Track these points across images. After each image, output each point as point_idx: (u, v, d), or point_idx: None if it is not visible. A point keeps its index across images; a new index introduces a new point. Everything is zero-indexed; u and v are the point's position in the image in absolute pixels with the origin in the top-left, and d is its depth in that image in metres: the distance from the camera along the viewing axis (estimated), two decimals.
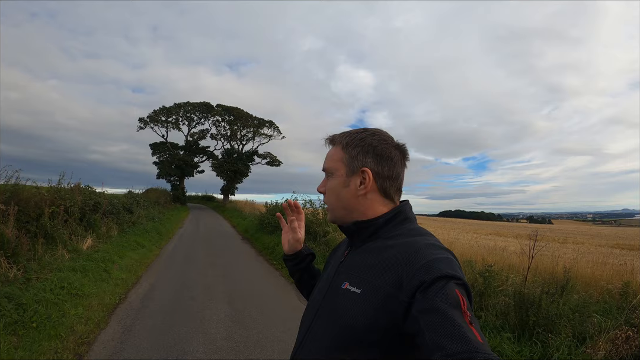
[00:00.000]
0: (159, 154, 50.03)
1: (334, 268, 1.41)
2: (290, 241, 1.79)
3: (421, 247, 1.17)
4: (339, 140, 1.41)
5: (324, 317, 1.29)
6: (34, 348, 4.62)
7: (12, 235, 6.98)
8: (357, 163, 1.35)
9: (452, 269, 1.08)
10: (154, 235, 15.62)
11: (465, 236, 18.49)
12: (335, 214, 1.42)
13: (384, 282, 1.14)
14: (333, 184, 1.38)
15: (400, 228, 1.32)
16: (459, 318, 0.94)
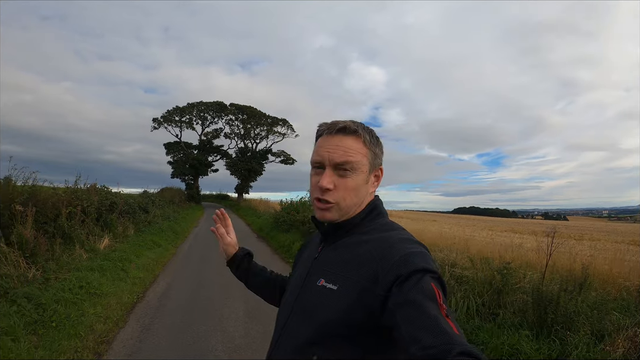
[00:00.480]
0: (173, 153, 50.26)
1: (307, 264, 1.40)
2: (223, 247, 1.83)
3: (396, 242, 1.18)
4: (361, 133, 1.31)
5: (299, 314, 1.28)
6: (54, 347, 4.65)
7: (30, 236, 7.05)
8: (378, 161, 1.35)
9: (427, 262, 1.08)
10: (170, 235, 15.71)
11: (481, 233, 18.36)
12: (345, 212, 1.32)
13: (360, 277, 1.14)
14: (357, 181, 1.29)
15: (374, 223, 1.33)
16: (435, 310, 0.94)
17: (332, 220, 1.32)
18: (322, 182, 1.27)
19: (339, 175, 1.28)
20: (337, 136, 1.30)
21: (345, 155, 1.27)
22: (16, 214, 7.04)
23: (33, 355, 4.31)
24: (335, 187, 1.28)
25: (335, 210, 1.30)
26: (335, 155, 1.27)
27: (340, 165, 1.27)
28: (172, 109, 49.45)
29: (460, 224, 32.70)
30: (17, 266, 6.21)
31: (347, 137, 1.29)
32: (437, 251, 9.50)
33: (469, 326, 5.54)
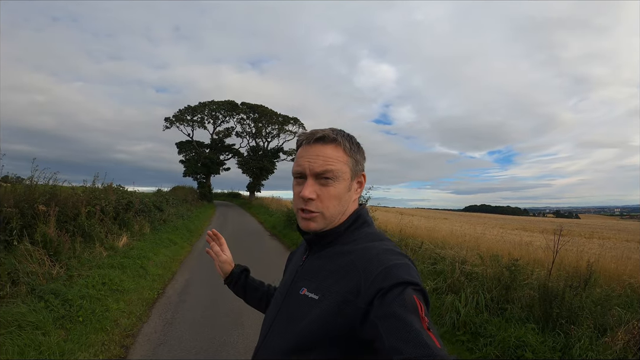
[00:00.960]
0: (185, 152, 50.47)
1: (293, 272, 1.42)
2: (220, 265, 1.83)
3: (379, 253, 1.18)
4: (340, 141, 1.31)
5: (282, 320, 1.29)
6: (82, 340, 4.83)
7: (54, 234, 7.25)
8: (360, 167, 1.37)
9: (409, 275, 1.09)
10: (185, 233, 15.88)
11: (491, 231, 18.35)
12: (330, 221, 1.32)
13: (342, 288, 1.15)
14: (339, 189, 1.29)
15: (358, 233, 1.33)
16: (417, 323, 0.95)
17: (317, 229, 1.32)
18: (304, 192, 1.27)
19: (320, 185, 1.28)
20: (316, 145, 1.31)
21: (325, 164, 1.27)
22: (39, 214, 7.24)
23: (63, 348, 4.49)
24: (317, 197, 1.28)
25: (320, 220, 1.30)
26: (315, 164, 1.28)
27: (321, 175, 1.27)
28: (184, 108, 49.67)
29: (471, 222, 32.61)
30: (42, 264, 6.40)
31: (326, 145, 1.30)
32: (447, 248, 9.59)
33: (478, 320, 5.73)
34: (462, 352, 5.33)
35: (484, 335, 5.42)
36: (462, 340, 5.57)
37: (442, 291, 7.00)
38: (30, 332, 4.49)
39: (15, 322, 4.54)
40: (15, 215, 6.46)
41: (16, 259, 6.04)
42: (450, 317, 6.01)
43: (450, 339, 5.68)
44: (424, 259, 9.02)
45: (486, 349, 5.17)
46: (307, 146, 1.31)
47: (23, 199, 7.21)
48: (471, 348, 5.36)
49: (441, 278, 7.47)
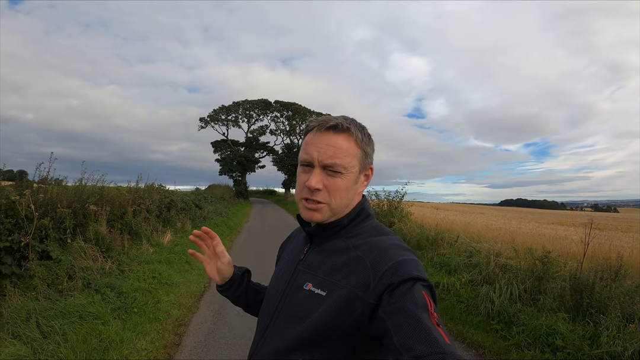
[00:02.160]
0: (221, 151, 51.07)
1: (292, 265, 1.36)
2: (221, 268, 1.55)
3: (387, 248, 1.16)
4: (353, 132, 1.25)
5: (283, 317, 1.24)
6: (138, 329, 5.09)
7: (105, 232, 7.60)
8: (369, 160, 1.31)
9: (418, 270, 1.08)
10: (225, 229, 16.17)
11: (527, 226, 18.12)
12: (336, 213, 1.27)
13: (350, 284, 1.13)
14: (346, 181, 1.24)
15: (362, 226, 1.30)
16: (427, 320, 0.94)
17: (321, 221, 1.27)
18: (310, 181, 1.21)
19: (328, 175, 1.22)
20: (327, 134, 1.24)
21: (335, 156, 1.21)
22: (89, 213, 7.58)
23: (122, 336, 4.75)
24: (324, 187, 1.22)
25: (326, 211, 1.24)
26: (325, 155, 1.21)
27: (330, 166, 1.21)
28: (218, 108, 50.29)
29: (506, 216, 32.10)
30: (95, 260, 6.72)
31: (338, 135, 1.23)
32: (482, 242, 9.64)
33: (511, 310, 5.93)
34: (496, 340, 5.49)
35: (517, 324, 5.60)
36: (496, 329, 5.74)
37: (477, 283, 7.18)
38: (90, 321, 4.75)
39: (77, 313, 4.82)
40: (69, 215, 6.78)
41: (71, 255, 6.35)
42: (485, 307, 6.21)
43: (485, 328, 5.85)
44: (460, 252, 9.10)
45: (519, 336, 5.34)
46: (318, 133, 1.25)
47: (75, 199, 7.54)
48: (504, 336, 5.52)
49: (476, 270, 7.62)
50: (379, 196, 15.57)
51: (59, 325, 4.44)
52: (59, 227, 6.57)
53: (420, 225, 13.07)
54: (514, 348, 5.20)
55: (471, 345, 5.58)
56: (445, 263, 8.65)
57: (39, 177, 7.15)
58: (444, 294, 7.23)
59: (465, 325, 6.04)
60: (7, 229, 5.40)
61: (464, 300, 6.78)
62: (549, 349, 4.97)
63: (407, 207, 14.76)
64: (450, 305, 6.80)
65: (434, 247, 10.15)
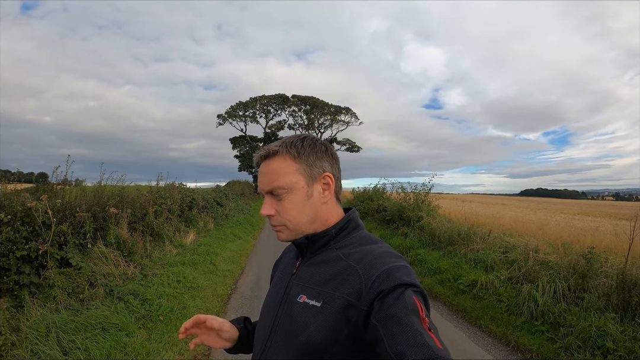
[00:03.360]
0: (239, 147, 51.44)
1: (284, 281, 1.34)
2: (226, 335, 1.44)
3: (377, 256, 1.15)
4: (284, 151, 1.27)
5: (280, 334, 1.22)
6: (165, 339, 4.82)
7: (127, 235, 7.35)
8: (317, 170, 1.28)
9: (409, 276, 1.08)
10: (247, 227, 16.05)
11: (554, 217, 17.82)
12: (297, 231, 1.28)
13: (343, 292, 1.12)
14: (294, 200, 1.25)
15: (351, 236, 1.29)
16: (418, 325, 0.94)
17: (286, 240, 1.30)
18: (261, 211, 1.29)
19: (276, 200, 1.26)
20: (264, 163, 1.29)
21: (271, 181, 1.25)
22: (110, 216, 7.34)
23: (148, 348, 4.47)
24: (276, 212, 1.26)
25: (285, 231, 1.28)
26: (263, 183, 1.27)
27: (271, 191, 1.25)
28: (236, 104, 50.56)
29: (530, 207, 31.94)
30: (117, 265, 6.48)
31: (270, 161, 1.27)
32: (515, 236, 9.39)
33: (556, 309, 5.64)
34: (543, 342, 5.22)
35: (563, 325, 5.34)
36: (542, 331, 5.47)
37: (516, 280, 6.87)
38: (114, 333, 4.49)
39: (99, 325, 4.55)
40: (88, 219, 6.55)
41: (92, 261, 6.11)
42: (528, 307, 5.95)
43: (530, 329, 5.59)
44: (494, 248, 8.82)
45: (567, 339, 5.07)
46: (260, 166, 1.30)
47: (94, 202, 7.32)
48: (551, 338, 5.25)
49: (514, 267, 7.32)
50: (404, 189, 15.27)
51: (81, 339, 4.18)
52: (78, 232, 6.35)
53: (449, 220, 12.76)
54: (562, 351, 4.95)
55: (516, 348, 5.33)
56: (480, 259, 8.38)
57: (57, 180, 6.97)
58: (482, 292, 6.93)
59: (509, 326, 5.79)
60: (24, 237, 5.18)
61: (504, 299, 6.47)
62: (599, 352, 4.70)
63: (435, 200, 14.40)
64: (490, 305, 6.52)
65: (466, 242, 9.85)
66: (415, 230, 12.53)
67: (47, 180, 7.53)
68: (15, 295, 4.87)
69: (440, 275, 8.26)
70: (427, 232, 11.70)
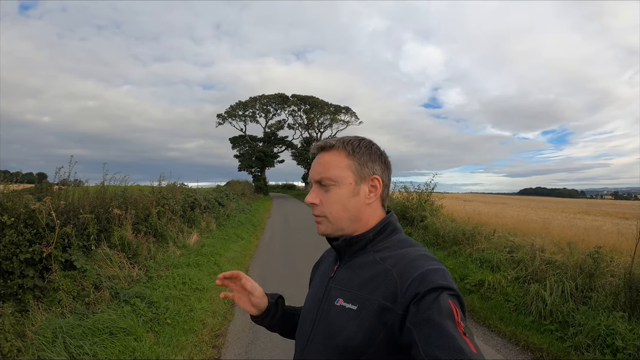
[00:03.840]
0: (239, 147, 51.36)
1: (323, 284, 1.36)
2: (255, 301, 1.52)
3: (414, 259, 1.15)
4: (340, 146, 1.30)
5: (319, 336, 1.24)
6: (173, 343, 4.72)
7: (131, 237, 7.25)
8: (368, 170, 1.30)
9: (445, 279, 1.07)
10: (249, 227, 15.95)
11: (555, 216, 17.91)
12: (337, 226, 1.29)
13: (379, 296, 1.12)
14: (340, 194, 1.27)
15: (389, 240, 1.29)
16: (453, 329, 0.93)
17: (325, 233, 1.32)
18: (306, 198, 1.32)
19: (323, 190, 1.29)
20: (318, 155, 1.34)
21: (322, 171, 1.29)
22: (113, 217, 7.24)
23: (157, 353, 4.37)
24: (321, 202, 1.29)
25: (325, 223, 1.30)
26: (314, 172, 1.31)
27: (320, 181, 1.29)
28: (235, 104, 50.48)
29: (531, 206, 32.07)
30: (122, 267, 6.38)
31: (326, 153, 1.31)
32: (519, 235, 9.39)
33: (564, 309, 5.67)
34: (553, 341, 5.22)
35: (572, 325, 5.36)
36: (551, 330, 5.48)
37: (523, 280, 6.92)
38: (122, 338, 4.39)
39: (107, 330, 4.45)
40: (92, 221, 6.44)
41: (96, 263, 6.02)
42: (536, 307, 5.96)
43: (539, 329, 5.59)
44: (499, 247, 8.82)
45: (577, 337, 5.09)
46: (315, 157, 1.35)
47: (97, 203, 7.22)
48: (561, 337, 5.27)
49: (521, 266, 7.36)
50: (407, 189, 15.20)
51: (89, 345, 4.09)
52: (82, 233, 6.24)
53: (452, 219, 12.75)
54: (572, 350, 4.96)
55: (527, 347, 5.30)
56: (486, 259, 8.39)
57: (59, 180, 6.87)
58: (490, 292, 6.91)
59: (518, 326, 5.77)
60: (28, 240, 5.08)
61: (512, 299, 6.49)
62: (608, 350, 4.73)
63: (437, 200, 14.34)
64: (497, 304, 6.50)
65: (471, 242, 9.86)
66: (419, 230, 12.51)
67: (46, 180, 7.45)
68: (19, 299, 4.76)
69: None
70: (431, 232, 11.68)
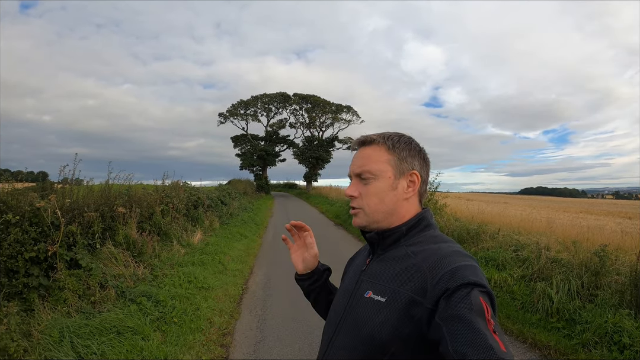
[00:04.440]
0: (241, 146, 51.31)
1: (355, 277, 1.38)
2: (307, 258, 1.63)
3: (446, 254, 1.15)
4: (381, 141, 1.32)
5: (346, 327, 1.25)
6: (180, 342, 4.68)
7: (136, 235, 7.21)
8: (407, 165, 1.32)
9: (476, 276, 1.06)
10: (252, 226, 15.89)
11: (558, 215, 17.99)
12: (373, 218, 1.30)
13: (408, 289, 1.13)
14: (379, 187, 1.29)
15: (422, 235, 1.29)
16: (483, 326, 0.93)
17: (361, 226, 1.33)
18: (346, 190, 1.35)
19: (362, 183, 1.31)
20: (359, 149, 1.37)
21: (362, 165, 1.31)
22: (118, 216, 7.19)
23: (165, 352, 4.32)
24: (359, 195, 1.31)
25: (362, 216, 1.31)
26: (355, 166, 1.34)
27: (360, 174, 1.31)
28: (237, 103, 50.40)
29: (532, 205, 32.15)
30: (128, 265, 6.33)
31: (366, 147, 1.34)
32: (525, 234, 9.43)
33: (571, 306, 5.71)
34: (560, 339, 5.24)
35: (579, 322, 5.38)
36: (558, 327, 5.51)
37: (529, 278, 6.96)
38: (130, 337, 4.34)
39: (114, 329, 4.40)
40: (97, 219, 6.39)
41: (102, 262, 5.96)
42: (542, 304, 5.99)
43: (546, 326, 5.61)
44: (504, 246, 8.85)
45: (584, 335, 5.11)
46: (355, 152, 1.38)
47: (102, 202, 7.17)
48: (568, 335, 5.30)
49: (526, 265, 7.40)
50: None
51: (96, 344, 4.04)
52: (87, 232, 6.19)
53: (456, 218, 12.72)
54: (580, 347, 4.98)
55: (534, 345, 5.29)
56: (491, 257, 8.39)
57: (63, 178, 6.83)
58: (496, 290, 6.89)
59: (525, 324, 5.77)
60: (33, 238, 5.03)
61: (518, 297, 6.54)
62: (615, 347, 4.75)
63: (441, 198, 14.27)
64: (504, 302, 6.50)
65: (475, 241, 9.87)
66: None
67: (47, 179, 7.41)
68: (24, 298, 4.71)
69: None
70: None
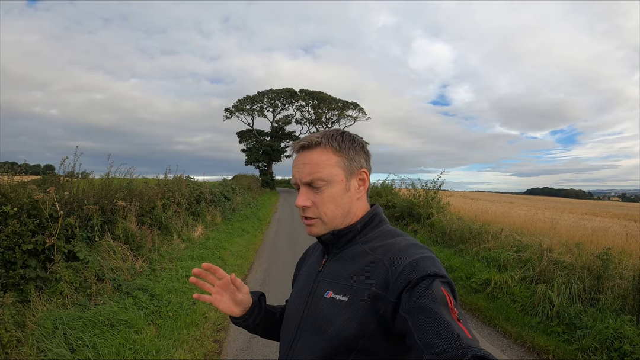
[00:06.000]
0: (246, 141, 51.41)
1: (311, 278, 1.33)
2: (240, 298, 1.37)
3: (403, 248, 1.15)
4: (326, 143, 1.26)
5: (309, 329, 1.20)
6: (174, 336, 4.70)
7: (135, 229, 7.23)
8: (355, 164, 1.29)
9: (436, 267, 1.07)
10: (255, 221, 15.92)
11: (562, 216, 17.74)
12: (332, 225, 1.26)
13: (371, 284, 1.11)
14: (333, 193, 1.24)
15: (376, 231, 1.29)
16: (447, 315, 0.93)
17: (320, 234, 1.28)
18: (297, 201, 1.26)
19: (313, 191, 1.25)
20: (303, 153, 1.28)
21: (312, 172, 1.23)
22: (118, 209, 7.22)
23: (157, 346, 4.34)
24: (313, 203, 1.25)
25: (319, 225, 1.26)
26: (303, 174, 1.25)
27: (311, 183, 1.24)
28: (243, 98, 50.51)
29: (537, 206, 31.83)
30: (126, 259, 6.36)
31: (311, 151, 1.26)
32: (528, 235, 9.30)
33: (571, 310, 5.58)
34: (559, 343, 5.13)
35: (580, 327, 5.27)
36: (558, 332, 5.39)
37: (530, 280, 6.84)
38: (123, 330, 4.36)
39: (108, 322, 4.42)
40: (96, 212, 6.43)
41: (99, 255, 5.99)
42: (542, 307, 5.88)
43: (545, 330, 5.52)
44: (506, 246, 8.73)
45: (584, 340, 5.00)
46: (296, 156, 1.31)
47: (102, 195, 7.21)
48: (568, 339, 5.18)
49: (528, 266, 7.27)
50: (415, 186, 15.12)
51: (89, 336, 4.05)
52: (85, 225, 6.23)
53: (459, 217, 12.67)
54: (579, 353, 4.87)
55: (532, 349, 5.23)
56: (493, 258, 8.28)
57: (64, 172, 6.86)
58: (496, 291, 6.82)
59: (524, 327, 5.70)
60: (31, 230, 5.06)
61: (518, 299, 6.41)
62: (615, 354, 4.64)
63: (445, 197, 14.24)
64: (504, 304, 6.42)
65: (477, 240, 9.77)
66: (425, 227, 12.46)
67: (54, 172, 7.45)
68: (21, 289, 4.75)
69: (451, 273, 8.10)
70: (438, 230, 11.62)
